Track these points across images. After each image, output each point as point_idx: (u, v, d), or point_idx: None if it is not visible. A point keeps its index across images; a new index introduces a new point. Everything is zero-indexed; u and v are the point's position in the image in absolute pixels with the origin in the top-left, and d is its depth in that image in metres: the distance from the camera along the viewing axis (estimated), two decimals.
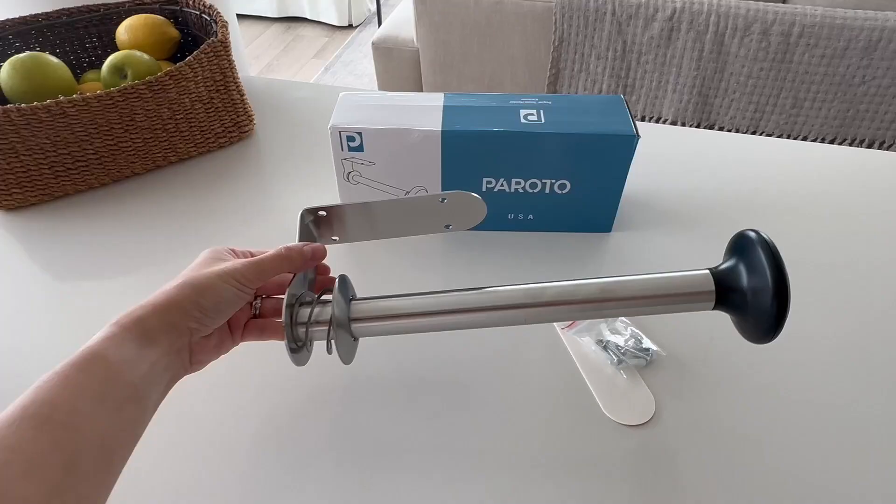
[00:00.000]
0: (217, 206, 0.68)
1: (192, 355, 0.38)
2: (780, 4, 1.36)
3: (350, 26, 3.03)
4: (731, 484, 0.43)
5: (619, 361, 0.50)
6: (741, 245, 0.37)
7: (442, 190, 0.60)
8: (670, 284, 0.37)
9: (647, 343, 0.51)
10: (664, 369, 0.50)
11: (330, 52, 2.85)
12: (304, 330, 0.41)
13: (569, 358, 0.51)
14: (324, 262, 0.45)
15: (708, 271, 0.38)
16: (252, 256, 0.43)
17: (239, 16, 2.74)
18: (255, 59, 2.80)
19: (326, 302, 0.42)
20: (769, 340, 0.36)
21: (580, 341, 0.52)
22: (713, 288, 0.37)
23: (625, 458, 0.45)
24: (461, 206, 0.47)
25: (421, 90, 1.73)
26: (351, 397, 0.49)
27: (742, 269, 0.35)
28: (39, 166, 0.65)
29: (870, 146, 1.49)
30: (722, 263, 0.38)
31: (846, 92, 1.41)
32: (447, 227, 0.48)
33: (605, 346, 0.51)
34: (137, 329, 0.35)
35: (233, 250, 0.43)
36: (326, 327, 0.41)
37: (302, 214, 0.47)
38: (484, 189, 0.60)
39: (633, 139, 0.55)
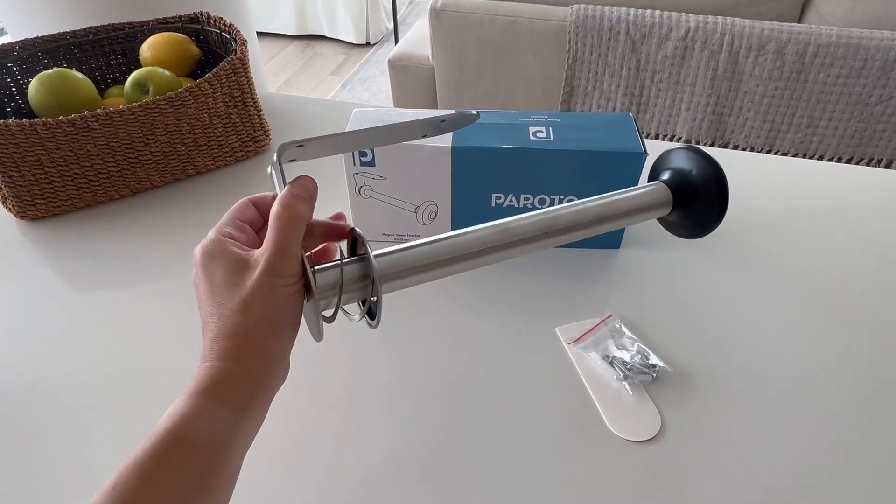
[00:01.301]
0: None
1: (287, 362, 0.35)
2: (795, 24, 1.36)
3: (367, 44, 3.08)
4: (737, 502, 0.43)
5: (626, 377, 0.50)
6: (672, 157, 0.45)
7: (452, 206, 0.61)
8: (643, 199, 0.44)
9: (653, 359, 0.51)
10: (670, 385, 0.50)
11: (347, 69, 2.90)
12: (337, 294, 0.35)
13: (575, 373, 0.51)
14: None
15: (663, 183, 0.45)
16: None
17: (259, 33, 2.80)
18: (273, 75, 2.86)
19: (346, 262, 0.36)
20: (714, 229, 0.43)
21: (586, 356, 0.52)
22: (671, 197, 0.44)
23: (630, 474, 0.44)
24: (456, 124, 0.43)
25: (436, 107, 1.75)
26: (352, 407, 0.50)
27: (689, 174, 0.43)
28: (63, 178, 0.67)
29: (887, 166, 1.47)
30: (662, 175, 0.45)
31: (863, 111, 1.40)
32: (424, 135, 0.43)
33: (611, 361, 0.51)
34: (231, 397, 0.30)
35: (230, 237, 0.36)
36: (359, 288, 0.36)
37: (279, 150, 0.39)
38: (493, 205, 0.60)
39: (641, 157, 0.56)
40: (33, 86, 0.70)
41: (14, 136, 0.62)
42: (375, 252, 0.36)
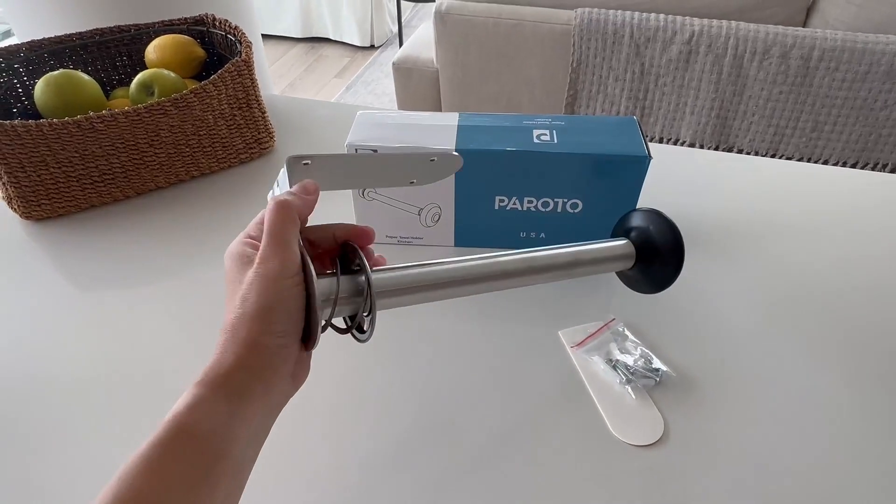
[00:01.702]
0: (237, 220, 0.69)
1: (293, 374, 0.34)
2: (800, 28, 1.36)
3: (372, 47, 3.09)
4: None
5: (629, 381, 0.50)
6: (635, 218, 0.49)
7: (455, 209, 0.61)
8: (610, 252, 0.47)
9: (656, 363, 0.51)
10: (674, 390, 0.50)
11: (352, 71, 2.91)
12: (332, 306, 0.36)
13: (578, 377, 0.51)
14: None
15: (628, 240, 0.48)
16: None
17: (264, 36, 2.81)
18: (279, 77, 2.87)
19: (345, 274, 0.37)
20: (669, 286, 0.47)
21: (589, 360, 0.52)
22: (633, 252, 0.47)
23: (632, 478, 0.44)
24: (442, 166, 0.45)
25: (440, 110, 1.76)
26: (352, 409, 0.50)
27: (651, 235, 0.47)
28: (68, 178, 0.67)
29: (892, 170, 1.47)
30: (629, 233, 0.48)
31: (868, 116, 1.40)
32: (412, 182, 0.45)
33: (614, 365, 0.51)
34: (228, 385, 0.30)
35: (249, 238, 0.36)
36: (354, 302, 0.36)
37: (288, 161, 0.41)
38: (497, 207, 0.60)
39: (645, 160, 0.55)
40: (39, 87, 0.70)
41: (20, 137, 0.63)
42: (376, 268, 0.38)
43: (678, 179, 0.74)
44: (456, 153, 0.45)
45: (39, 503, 0.44)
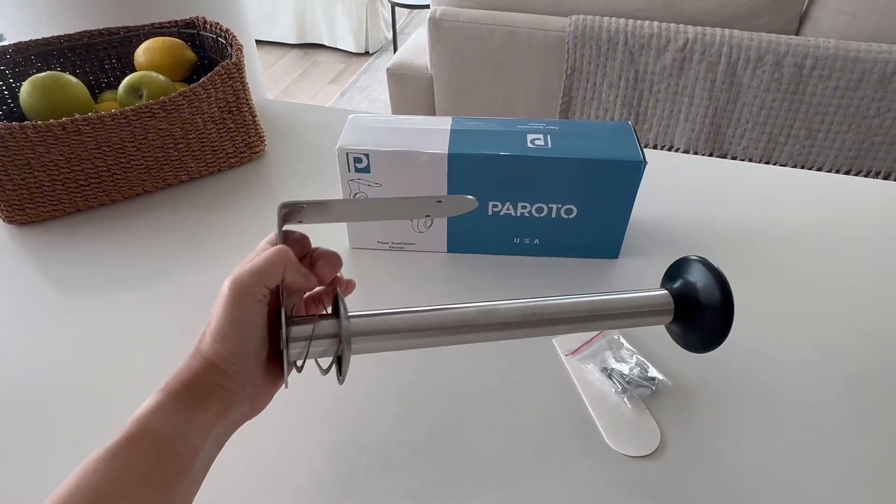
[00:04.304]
0: (226, 224, 0.69)
1: (252, 400, 0.36)
2: (793, 37, 1.36)
3: (367, 53, 3.08)
4: None
5: (624, 390, 0.49)
6: (685, 267, 0.42)
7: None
8: (643, 302, 0.42)
9: (652, 372, 0.50)
10: (670, 399, 0.49)
11: (346, 77, 2.90)
12: (305, 347, 0.37)
13: (572, 385, 0.50)
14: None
15: (667, 291, 0.42)
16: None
17: (259, 42, 2.81)
18: (273, 83, 2.86)
19: (323, 316, 0.39)
20: (713, 349, 0.40)
21: (584, 368, 0.51)
22: (672, 305, 0.41)
23: (628, 490, 0.43)
24: (452, 206, 0.43)
25: (434, 115, 1.75)
26: (343, 415, 0.48)
27: (695, 287, 0.41)
28: (53, 182, 0.66)
29: (886, 178, 1.47)
30: (672, 284, 0.42)
31: (861, 124, 1.40)
32: (428, 216, 0.46)
33: (609, 373, 0.50)
34: (186, 394, 0.32)
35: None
36: (327, 344, 0.38)
37: (278, 209, 0.40)
38: (490, 213, 0.60)
39: (640, 165, 0.55)
40: (25, 89, 0.69)
41: (3, 140, 0.61)
42: (355, 312, 0.38)
43: (671, 185, 0.73)
44: (471, 197, 0.42)
45: None
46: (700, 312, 0.40)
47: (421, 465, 0.45)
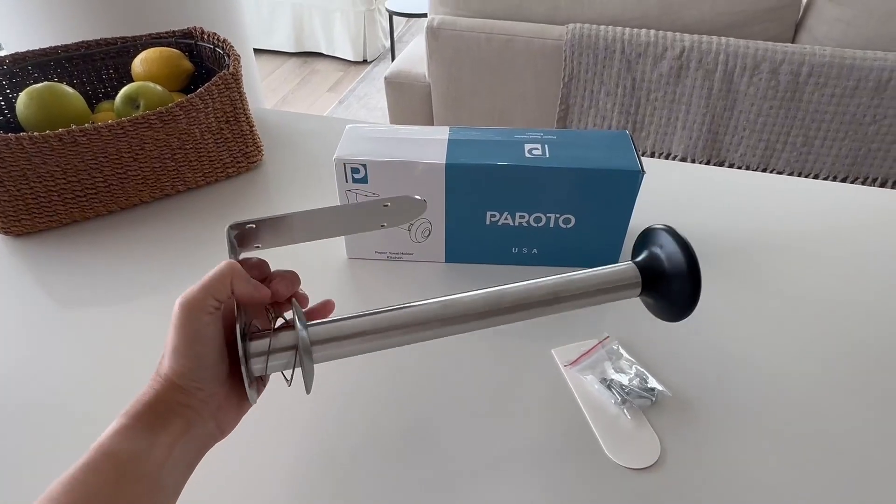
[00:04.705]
0: (223, 236, 0.68)
1: (218, 420, 0.36)
2: (789, 45, 1.37)
3: (364, 61, 3.09)
4: None
5: (624, 401, 0.48)
6: (650, 238, 0.42)
7: (446, 224, 0.60)
8: (607, 278, 0.42)
9: (652, 382, 0.50)
10: (670, 410, 0.49)
11: (344, 86, 2.91)
12: (264, 361, 0.37)
13: (571, 396, 0.50)
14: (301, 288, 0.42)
15: (633, 263, 0.42)
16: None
17: (257, 50, 2.81)
18: (271, 91, 2.86)
19: (280, 329, 0.38)
20: (686, 316, 0.41)
21: (583, 379, 0.51)
22: (640, 278, 0.41)
23: (629, 503, 0.43)
24: (402, 208, 0.43)
25: (432, 124, 1.75)
26: (340, 427, 0.48)
27: (659, 257, 0.41)
28: (49, 193, 0.66)
29: (882, 185, 1.47)
30: (637, 256, 0.43)
31: (857, 131, 1.41)
32: (382, 225, 0.44)
33: (608, 384, 0.50)
34: (147, 415, 0.33)
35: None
36: (287, 356, 0.37)
37: (227, 231, 0.41)
38: (488, 222, 0.59)
39: (637, 174, 0.55)
40: (22, 100, 0.69)
41: None
42: (313, 322, 0.38)
43: (669, 194, 0.73)
44: (418, 197, 0.42)
45: None
46: (667, 282, 0.40)
47: (418, 478, 0.44)
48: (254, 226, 0.41)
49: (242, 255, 0.41)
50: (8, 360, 0.54)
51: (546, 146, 0.57)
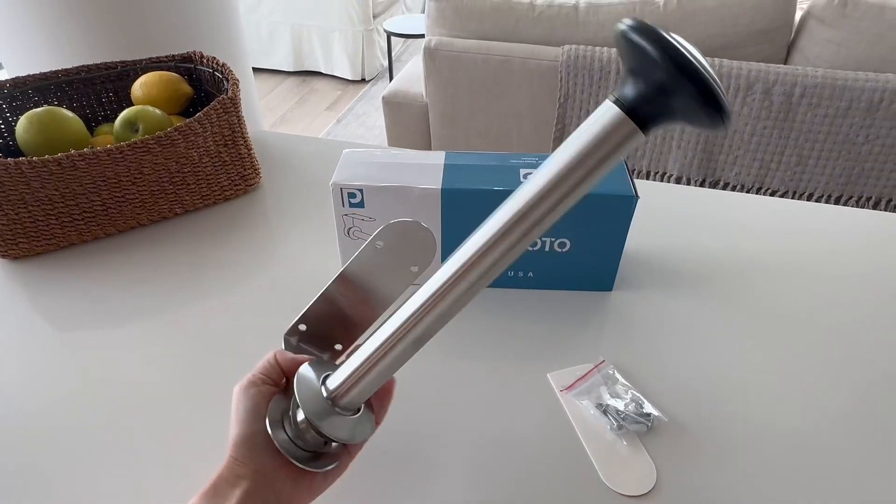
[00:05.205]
0: (220, 258, 0.69)
1: (277, 492, 0.36)
2: (781, 66, 1.39)
3: (363, 80, 3.12)
4: None
5: (620, 427, 0.48)
6: (626, 56, 0.29)
7: (442, 248, 0.60)
8: (589, 155, 0.31)
9: (648, 408, 0.50)
10: (666, 436, 0.49)
11: (342, 104, 2.93)
12: (309, 436, 0.37)
13: (567, 422, 0.50)
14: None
15: (615, 107, 0.29)
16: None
17: (256, 69, 2.84)
18: (269, 110, 2.88)
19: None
20: (724, 119, 0.27)
21: (579, 405, 0.51)
22: (631, 123, 0.29)
23: None
24: (406, 242, 0.41)
25: (429, 143, 1.77)
26: None
27: (641, 78, 0.28)
28: (47, 217, 0.66)
29: (876, 204, 1.49)
30: (620, 92, 0.30)
31: (850, 150, 1.42)
32: (413, 268, 0.42)
33: (604, 410, 0.50)
34: (212, 490, 0.35)
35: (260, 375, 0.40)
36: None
37: (285, 339, 0.44)
38: None
39: (632, 199, 0.55)
40: (22, 124, 0.69)
41: None
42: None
43: (665, 216, 0.73)
44: (411, 220, 0.40)
45: None
46: (671, 101, 0.28)
47: (410, 500, 0.44)
48: (304, 326, 0.44)
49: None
50: (3, 384, 0.54)
51: None
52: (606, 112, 0.30)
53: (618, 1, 1.48)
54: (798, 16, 1.46)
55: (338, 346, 0.45)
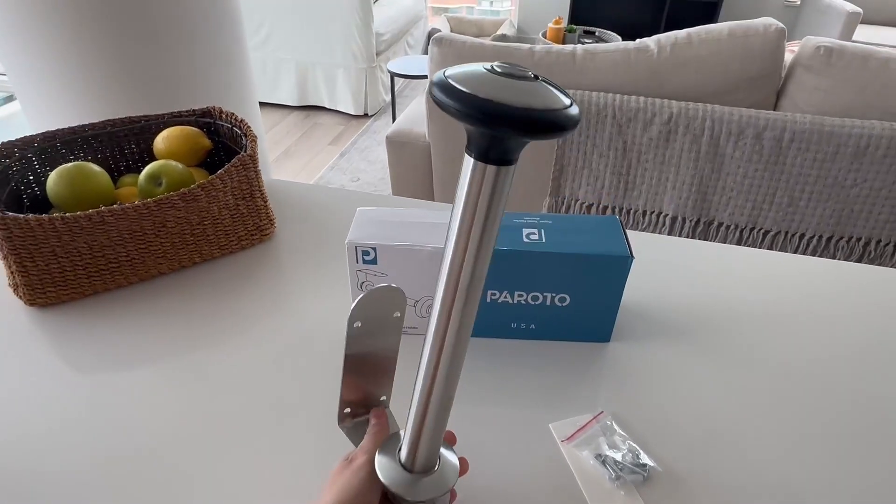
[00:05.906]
0: (237, 305, 0.72)
1: None
2: (771, 112, 1.45)
3: (365, 115, 3.19)
4: None
5: (618, 477, 0.51)
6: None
7: None
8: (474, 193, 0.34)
9: (644, 458, 0.53)
10: (661, 485, 0.52)
11: (346, 139, 3.00)
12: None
13: (568, 472, 0.53)
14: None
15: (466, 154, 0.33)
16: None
17: (261, 103, 2.91)
18: (274, 144, 2.95)
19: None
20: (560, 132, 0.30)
21: (579, 455, 0.54)
22: (484, 164, 0.33)
23: None
24: (378, 304, 0.45)
25: (431, 181, 1.82)
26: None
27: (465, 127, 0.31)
28: (75, 267, 0.70)
29: (866, 244, 1.53)
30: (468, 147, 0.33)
31: (839, 193, 1.47)
32: (396, 314, 0.47)
33: (603, 461, 0.53)
34: None
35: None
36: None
37: (342, 429, 0.48)
38: (488, 300, 0.63)
39: (627, 260, 0.59)
40: (52, 178, 0.74)
41: (32, 230, 0.65)
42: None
43: (661, 268, 0.77)
44: (370, 290, 0.44)
45: None
46: (488, 139, 0.31)
47: None
48: (348, 409, 0.48)
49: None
50: (28, 428, 0.57)
51: (542, 231, 0.62)
52: (466, 163, 0.34)
53: (613, 48, 1.55)
54: (787, 63, 1.53)
55: (382, 398, 0.50)
